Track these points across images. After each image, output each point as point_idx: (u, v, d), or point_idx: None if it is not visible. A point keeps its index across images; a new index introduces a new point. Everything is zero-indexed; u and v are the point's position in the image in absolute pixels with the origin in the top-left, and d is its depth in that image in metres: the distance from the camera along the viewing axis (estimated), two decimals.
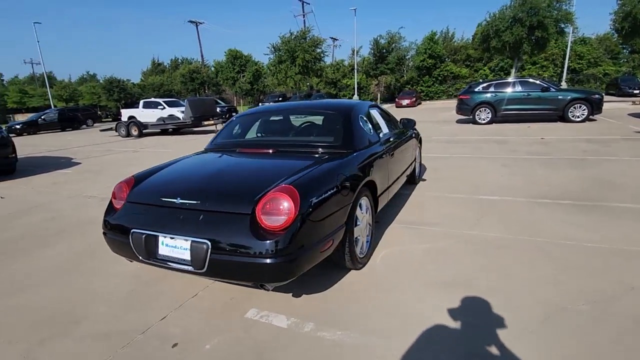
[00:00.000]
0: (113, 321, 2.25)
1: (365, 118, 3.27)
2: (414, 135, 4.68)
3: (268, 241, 1.90)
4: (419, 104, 29.12)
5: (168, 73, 43.99)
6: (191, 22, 40.06)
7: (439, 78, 33.02)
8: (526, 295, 2.27)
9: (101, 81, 38.81)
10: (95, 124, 25.49)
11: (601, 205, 3.84)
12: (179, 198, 2.18)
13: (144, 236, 2.15)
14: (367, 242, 2.84)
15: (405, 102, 26.77)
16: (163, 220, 2.17)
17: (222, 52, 23.61)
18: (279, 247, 1.90)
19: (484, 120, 12.50)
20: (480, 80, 17.21)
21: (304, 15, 36.33)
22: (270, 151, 2.90)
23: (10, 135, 20.38)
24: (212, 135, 3.67)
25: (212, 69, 26.71)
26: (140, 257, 2.20)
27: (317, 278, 2.61)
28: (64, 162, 9.14)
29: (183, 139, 13.33)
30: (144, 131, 15.38)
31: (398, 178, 3.74)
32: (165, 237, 2.12)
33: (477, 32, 20.73)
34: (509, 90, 12.24)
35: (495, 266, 2.67)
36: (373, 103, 3.93)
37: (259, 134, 3.48)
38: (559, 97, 11.41)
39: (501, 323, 2.02)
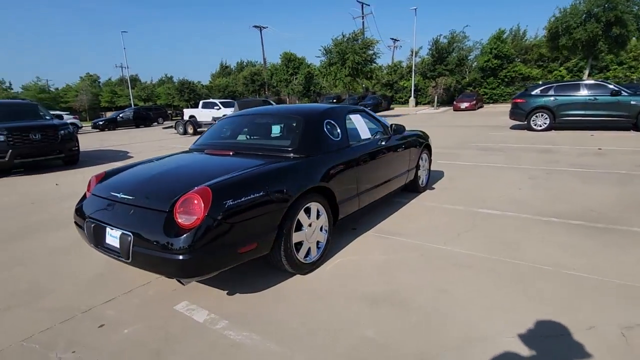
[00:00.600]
0: (70, 298, 2.54)
1: (334, 123, 3.24)
2: (414, 142, 4.49)
3: (179, 238, 2.02)
4: (480, 107, 27.32)
5: (234, 75, 46.84)
6: (256, 27, 42.24)
7: (506, 79, 30.62)
8: (451, 319, 2.10)
9: (175, 83, 42.59)
10: (165, 122, 28.10)
11: (617, 229, 3.34)
12: (121, 193, 2.40)
13: (92, 225, 2.41)
14: (318, 248, 2.83)
15: (464, 105, 25.32)
16: (108, 213, 2.40)
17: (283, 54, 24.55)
18: (189, 244, 2.00)
19: (540, 126, 11.37)
20: (540, 83, 15.65)
21: (363, 17, 36.20)
22: (230, 153, 3.03)
23: (94, 130, 23.59)
24: None
25: (268, 71, 27.96)
26: (92, 245, 2.46)
27: (260, 279, 2.67)
28: (120, 156, 10.28)
29: None
30: (198, 129, 16.59)
31: (378, 186, 3.64)
32: (110, 228, 2.34)
33: (546, 29, 18.78)
34: (572, 93, 10.98)
35: (441, 284, 2.49)
36: (357, 108, 3.86)
37: (228, 136, 3.59)
38: (632, 102, 9.96)
39: (403, 345, 1.90)
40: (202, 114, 20.59)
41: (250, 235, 2.25)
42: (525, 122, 11.65)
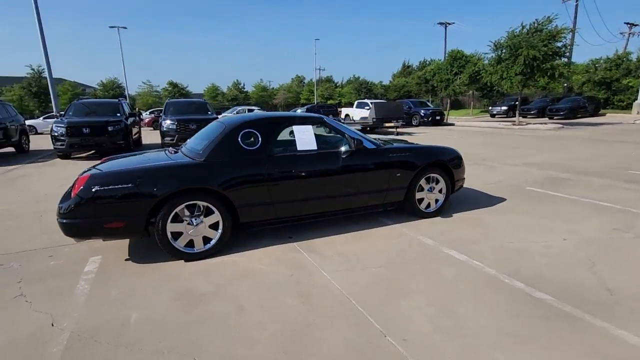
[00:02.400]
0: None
1: (255, 133, 3.41)
2: (402, 160, 3.97)
3: (63, 205, 2.88)
4: None
5: (414, 74, 46.58)
6: (440, 24, 40.52)
7: None
8: None
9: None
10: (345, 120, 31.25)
11: (584, 319, 2.19)
12: None
13: None
14: (204, 241, 3.18)
15: None
16: None
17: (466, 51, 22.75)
18: (63, 211, 2.85)
19: None
20: None
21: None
22: (173, 151, 3.70)
23: None
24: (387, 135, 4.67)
25: (431, 70, 26.42)
26: None
27: (149, 258, 3.28)
28: None
29: None
30: None
31: (320, 198, 3.58)
32: None
33: None
34: None
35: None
36: (310, 118, 3.82)
37: (195, 138, 3.96)
38: None
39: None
40: (356, 113, 21.97)
41: (115, 216, 2.89)
42: None
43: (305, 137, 3.65)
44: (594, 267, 2.93)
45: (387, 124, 15.91)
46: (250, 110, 26.51)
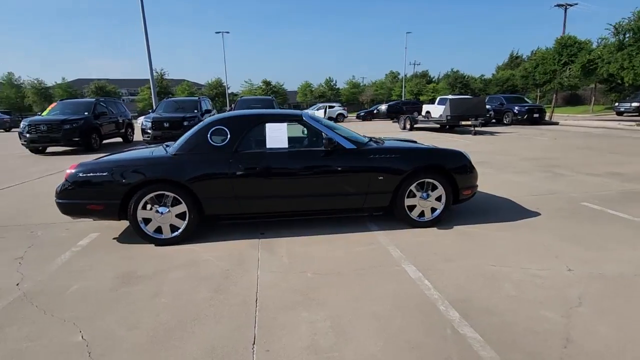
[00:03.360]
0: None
1: (224, 130, 3.54)
2: (384, 163, 3.67)
3: (57, 188, 3.45)
4: None
5: (523, 66, 41.28)
6: (559, 5, 34.94)
7: None
8: None
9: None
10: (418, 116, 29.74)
11: None
12: None
13: None
14: (172, 229, 3.46)
15: None
16: None
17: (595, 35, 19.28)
18: (58, 193, 3.41)
19: None
20: None
21: None
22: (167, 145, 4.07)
23: (357, 119, 28.68)
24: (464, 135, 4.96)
25: (532, 62, 22.52)
26: None
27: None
28: None
29: (438, 137, 13.80)
30: (415, 125, 16.97)
31: (291, 197, 3.59)
32: None
33: None
34: None
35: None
36: (289, 116, 3.80)
37: None
38: None
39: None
40: (436, 110, 20.51)
41: (96, 199, 3.35)
42: None
43: (276, 135, 3.64)
44: (574, 309, 2.31)
45: (463, 122, 14.54)
46: (330, 107, 27.00)
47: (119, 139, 13.60)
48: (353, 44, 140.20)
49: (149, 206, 3.42)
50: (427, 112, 21.61)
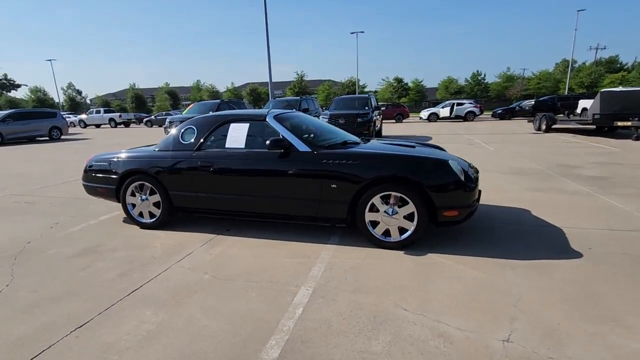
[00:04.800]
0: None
1: (193, 129, 3.77)
2: (338, 171, 3.24)
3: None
4: None
5: None
6: None
7: None
8: None
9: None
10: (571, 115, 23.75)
11: None
12: None
13: None
14: (150, 216, 3.95)
15: None
16: None
17: None
18: (82, 177, 4.33)
19: None
20: None
21: None
22: None
23: (493, 118, 24.77)
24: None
25: None
26: None
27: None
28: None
29: (563, 143, 11.05)
30: (552, 126, 13.77)
31: (241, 196, 3.60)
32: None
33: None
34: None
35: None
36: (254, 116, 3.77)
37: None
38: None
39: None
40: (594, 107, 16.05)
41: (102, 184, 4.10)
42: None
43: (235, 135, 3.67)
44: None
45: (620, 123, 10.99)
46: (459, 105, 24.48)
47: None
48: (508, 31, 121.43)
49: (136, 194, 3.99)
50: (584, 109, 17.16)
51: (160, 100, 50.13)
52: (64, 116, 21.98)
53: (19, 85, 26.98)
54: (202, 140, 3.76)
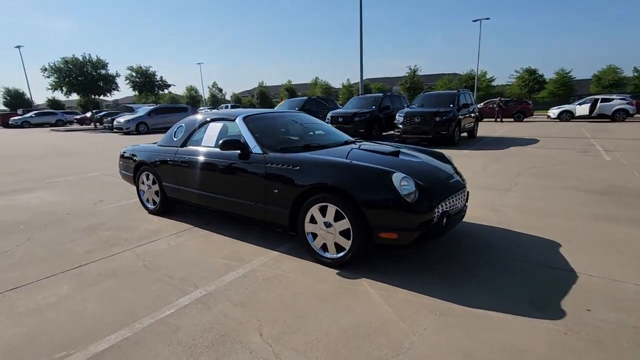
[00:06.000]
0: None
1: (183, 127, 4.10)
2: (278, 174, 3.07)
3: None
4: None
5: None
6: None
7: None
8: None
9: None
10: None
11: None
12: None
13: None
14: (153, 203, 4.45)
15: None
16: None
17: None
18: (119, 167, 5.13)
19: None
20: None
21: None
22: None
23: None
24: None
25: None
26: None
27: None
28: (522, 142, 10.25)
29: None
30: None
31: (209, 192, 3.73)
32: None
33: None
34: None
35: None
36: (228, 117, 3.78)
37: None
38: None
39: None
40: None
41: (129, 171, 4.77)
42: None
43: (211, 134, 3.82)
44: None
45: None
46: (605, 100, 19.73)
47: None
48: None
49: (145, 182, 4.55)
50: None
51: (281, 96, 54.85)
52: (199, 110, 26.09)
53: (169, 85, 32.48)
54: (186, 137, 4.05)
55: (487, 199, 4.79)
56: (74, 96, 27.03)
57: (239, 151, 3.39)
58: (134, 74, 30.24)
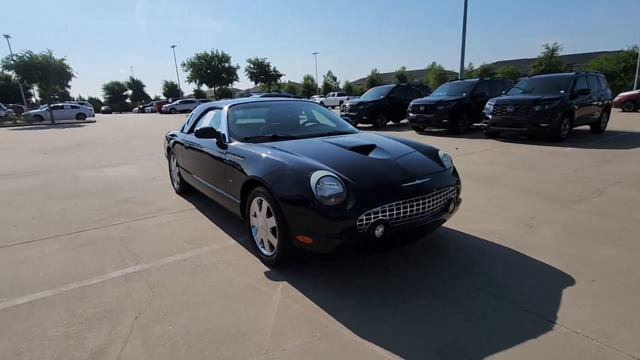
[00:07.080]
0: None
1: (195, 114, 4.34)
2: (235, 164, 3.02)
3: None
4: None
5: None
6: None
7: None
8: None
9: None
10: None
11: None
12: None
13: None
14: (177, 182, 4.93)
15: None
16: None
17: None
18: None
19: None
20: None
21: None
22: None
23: None
24: None
25: None
26: None
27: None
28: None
29: None
30: None
31: (203, 179, 3.86)
32: None
33: None
34: None
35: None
36: (218, 104, 3.81)
37: None
38: None
39: None
40: None
41: (166, 152, 5.40)
42: None
43: (206, 122, 3.98)
44: None
45: None
46: None
47: None
48: None
49: (171, 163, 5.07)
50: None
51: (393, 82, 53.50)
52: (311, 99, 27.59)
53: (280, 75, 35.04)
54: (193, 124, 4.32)
55: (528, 212, 3.78)
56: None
57: (214, 139, 3.47)
58: (251, 65, 33.55)
